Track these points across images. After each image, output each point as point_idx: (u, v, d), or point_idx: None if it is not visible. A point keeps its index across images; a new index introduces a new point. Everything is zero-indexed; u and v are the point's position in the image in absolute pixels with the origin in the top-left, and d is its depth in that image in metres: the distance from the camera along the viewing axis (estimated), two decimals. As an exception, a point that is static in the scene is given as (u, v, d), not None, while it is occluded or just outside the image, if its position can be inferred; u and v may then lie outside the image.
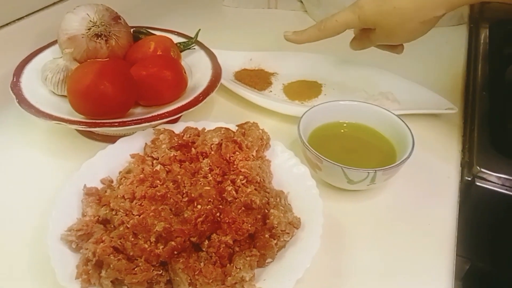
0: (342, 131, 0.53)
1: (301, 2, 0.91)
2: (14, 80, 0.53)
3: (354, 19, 0.51)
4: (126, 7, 0.71)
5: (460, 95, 0.65)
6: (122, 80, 0.48)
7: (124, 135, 0.50)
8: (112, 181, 0.45)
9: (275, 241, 0.39)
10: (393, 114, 0.51)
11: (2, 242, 0.43)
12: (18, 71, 0.54)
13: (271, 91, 0.65)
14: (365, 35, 0.54)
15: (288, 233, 0.39)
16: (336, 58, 0.69)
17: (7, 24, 0.62)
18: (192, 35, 0.64)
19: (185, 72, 0.53)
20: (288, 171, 0.47)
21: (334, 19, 0.53)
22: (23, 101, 0.49)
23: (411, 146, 0.46)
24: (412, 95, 0.62)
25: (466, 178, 0.52)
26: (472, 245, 0.53)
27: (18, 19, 0.63)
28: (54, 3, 0.69)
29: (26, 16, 0.64)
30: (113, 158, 0.47)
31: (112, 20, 0.55)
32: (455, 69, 0.72)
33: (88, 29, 0.53)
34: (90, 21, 0.53)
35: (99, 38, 0.54)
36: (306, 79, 0.67)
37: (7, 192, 0.48)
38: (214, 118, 0.57)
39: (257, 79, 0.66)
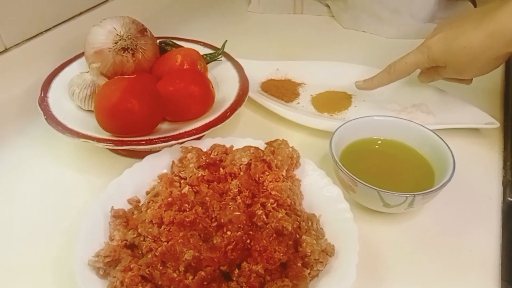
0: (377, 148, 0.50)
1: (328, 6, 0.89)
2: (42, 95, 0.52)
3: (424, 59, 0.53)
4: (150, 15, 0.71)
5: (499, 108, 0.61)
6: (149, 98, 0.47)
7: (151, 151, 0.49)
8: (139, 201, 0.44)
9: (308, 271, 0.37)
10: (431, 131, 0.48)
11: (27, 261, 0.42)
12: (46, 86, 0.54)
13: (298, 102, 0.63)
14: (433, 70, 0.55)
15: (321, 262, 0.38)
16: (365, 67, 0.67)
17: (34, 37, 0.62)
18: (217, 43, 0.62)
19: (212, 87, 0.52)
20: (319, 192, 0.45)
21: (403, 61, 0.55)
22: (50, 118, 0.49)
23: (451, 167, 0.44)
24: (448, 107, 0.59)
25: (509, 198, 0.49)
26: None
27: (45, 31, 0.63)
28: (79, 14, 0.68)
29: (52, 28, 0.64)
30: (140, 177, 0.46)
31: (139, 33, 0.54)
32: (493, 78, 0.68)
33: (115, 43, 0.53)
34: (117, 34, 0.53)
35: (126, 52, 0.53)
36: (335, 89, 0.65)
37: (33, 208, 0.48)
38: (241, 132, 0.56)
39: (284, 90, 0.64)
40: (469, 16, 0.50)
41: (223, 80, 0.58)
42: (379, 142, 0.50)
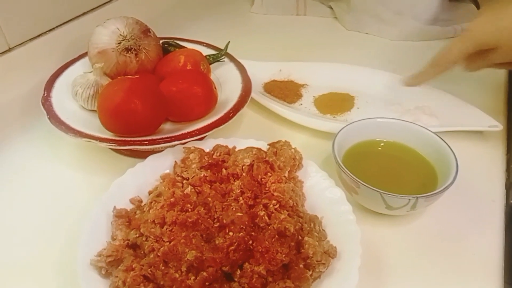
0: (379, 150, 0.50)
1: (331, 8, 0.89)
2: (45, 94, 0.52)
3: (469, 45, 0.50)
4: (154, 15, 0.71)
5: (503, 110, 0.61)
6: (152, 98, 0.47)
7: (153, 151, 0.49)
8: (141, 201, 0.44)
9: (310, 272, 0.37)
10: (434, 134, 0.48)
11: (30, 260, 0.42)
12: (49, 86, 0.54)
13: (301, 104, 0.63)
14: (479, 56, 0.52)
15: (324, 263, 0.37)
16: (368, 69, 0.67)
17: (38, 36, 0.62)
18: (220, 43, 0.62)
19: (215, 88, 0.52)
20: (321, 194, 0.45)
21: (448, 53, 0.52)
22: (53, 117, 0.49)
23: (454, 169, 0.43)
24: (451, 109, 0.58)
25: (512, 201, 0.49)
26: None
27: (48, 31, 0.63)
28: (83, 14, 0.68)
29: (55, 28, 0.64)
30: (143, 177, 0.46)
31: (142, 34, 0.54)
32: (497, 80, 0.68)
33: (118, 43, 0.53)
34: (120, 35, 0.53)
35: (129, 52, 0.53)
36: (337, 91, 0.65)
37: (36, 208, 0.48)
38: (244, 132, 0.56)
39: (287, 91, 0.64)
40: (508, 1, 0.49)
41: (226, 81, 0.58)
42: (382, 144, 0.50)
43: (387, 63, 0.69)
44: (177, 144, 0.48)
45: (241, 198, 0.42)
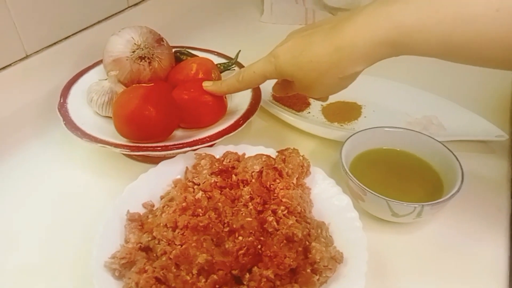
0: (386, 158, 0.51)
1: (339, 17, 0.90)
2: (61, 101, 0.54)
3: (272, 70, 0.45)
4: (165, 24, 0.72)
5: (509, 120, 0.62)
6: (165, 105, 0.49)
7: (165, 157, 0.50)
8: (153, 206, 0.45)
9: (317, 277, 0.38)
10: (441, 143, 0.49)
11: (45, 263, 0.44)
12: (65, 92, 0.56)
13: (309, 112, 0.64)
14: (287, 82, 0.48)
15: (330, 268, 0.38)
16: (376, 78, 0.68)
17: (54, 44, 0.64)
18: (230, 52, 0.64)
19: (225, 97, 0.54)
20: (329, 200, 0.46)
21: (252, 70, 0.47)
22: (69, 123, 0.51)
23: (460, 178, 0.44)
24: (458, 119, 0.59)
25: (518, 211, 0.49)
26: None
27: (64, 39, 0.65)
28: (97, 22, 0.70)
29: (71, 35, 0.66)
30: (155, 182, 0.47)
31: (155, 42, 0.56)
32: (504, 90, 0.68)
33: (133, 52, 0.54)
34: (135, 43, 0.54)
35: (143, 61, 0.55)
36: (345, 100, 0.66)
37: (51, 211, 0.49)
38: (253, 139, 0.57)
39: (295, 99, 0.65)
40: (321, 25, 0.43)
41: (236, 89, 0.59)
42: (389, 152, 0.51)
43: (395, 73, 0.69)
44: (189, 151, 0.49)
45: (250, 203, 0.43)
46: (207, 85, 0.52)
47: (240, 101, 0.56)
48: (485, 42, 0.34)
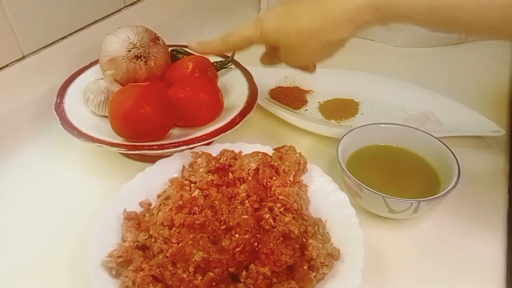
0: (382, 154, 0.51)
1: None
2: (58, 101, 0.54)
3: (257, 35, 0.46)
4: (162, 24, 0.72)
5: (506, 115, 0.62)
6: (162, 104, 0.49)
7: (162, 156, 0.50)
8: (150, 204, 0.46)
9: (314, 274, 0.38)
10: (437, 139, 0.49)
11: (42, 262, 0.44)
12: (62, 92, 0.56)
13: (306, 109, 0.64)
14: (274, 51, 0.48)
15: (327, 265, 0.38)
16: (373, 75, 0.68)
17: (50, 44, 0.64)
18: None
19: (221, 96, 0.54)
20: (326, 197, 0.46)
21: (237, 33, 0.47)
22: (66, 123, 0.51)
23: (456, 174, 0.44)
24: (455, 115, 0.59)
25: (515, 206, 0.49)
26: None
27: (61, 39, 0.65)
28: (94, 22, 0.70)
29: (67, 36, 0.66)
30: (152, 181, 0.47)
31: (151, 41, 0.56)
32: (500, 86, 0.68)
33: (128, 51, 0.54)
34: (130, 43, 0.54)
35: (139, 60, 0.55)
36: (342, 97, 0.66)
37: (47, 210, 0.49)
38: (250, 137, 0.57)
39: (293, 97, 0.65)
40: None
41: (233, 87, 0.59)
42: (385, 149, 0.51)
43: (392, 70, 0.70)
44: (185, 149, 0.49)
45: (247, 201, 0.43)
46: (191, 45, 0.52)
47: (236, 99, 0.56)
48: (469, 6, 0.34)
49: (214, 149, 0.50)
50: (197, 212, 0.41)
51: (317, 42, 0.42)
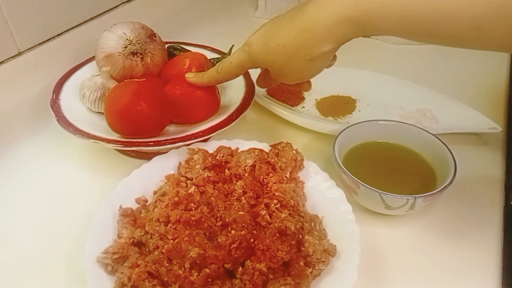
0: (379, 151, 0.51)
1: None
2: (54, 97, 0.54)
3: (246, 59, 0.46)
4: (159, 20, 0.72)
5: (503, 112, 0.62)
6: (158, 101, 0.48)
7: (158, 152, 0.50)
8: (146, 201, 0.45)
9: (310, 270, 0.38)
10: (434, 136, 0.49)
11: (38, 258, 0.44)
12: (58, 89, 0.55)
13: (303, 106, 0.64)
14: (266, 72, 0.48)
15: (323, 261, 0.38)
16: (370, 72, 0.68)
17: (47, 41, 0.64)
18: (224, 47, 0.63)
19: (218, 93, 0.54)
20: (322, 194, 0.46)
21: (228, 60, 0.48)
22: (62, 119, 0.50)
23: (452, 170, 0.44)
24: (452, 112, 0.59)
25: (511, 203, 0.49)
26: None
27: (57, 36, 0.65)
28: (90, 19, 0.70)
29: (64, 32, 0.66)
30: (148, 177, 0.47)
31: (148, 38, 0.56)
32: (498, 83, 0.69)
33: (125, 47, 0.54)
34: (127, 39, 0.54)
35: (135, 56, 0.54)
36: (339, 94, 0.66)
37: (44, 207, 0.49)
38: (246, 134, 0.57)
39: (290, 94, 0.65)
40: (289, 10, 0.43)
41: (230, 84, 0.59)
42: (382, 145, 0.51)
43: (389, 67, 0.70)
44: (182, 146, 0.49)
45: (243, 197, 0.43)
46: (189, 76, 0.52)
47: (233, 95, 0.56)
48: (444, 17, 0.34)
49: (211, 146, 0.50)
50: (193, 209, 0.41)
51: (300, 58, 0.42)
